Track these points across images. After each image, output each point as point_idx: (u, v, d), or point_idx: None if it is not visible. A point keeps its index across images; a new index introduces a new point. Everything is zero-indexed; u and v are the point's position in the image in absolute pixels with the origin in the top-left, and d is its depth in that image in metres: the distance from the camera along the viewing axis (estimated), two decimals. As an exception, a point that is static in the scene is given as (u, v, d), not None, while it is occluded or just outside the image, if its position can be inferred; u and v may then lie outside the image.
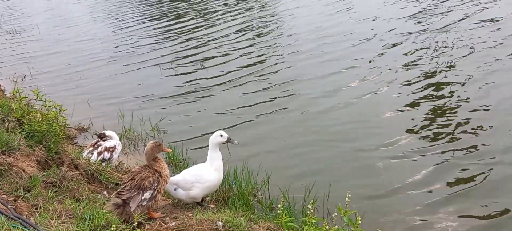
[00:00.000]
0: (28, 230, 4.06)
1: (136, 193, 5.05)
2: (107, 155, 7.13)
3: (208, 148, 5.98)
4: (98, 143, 7.30)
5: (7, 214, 4.21)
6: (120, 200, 4.98)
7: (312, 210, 4.70)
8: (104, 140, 7.40)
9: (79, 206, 4.70)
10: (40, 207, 4.71)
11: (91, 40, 18.32)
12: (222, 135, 5.89)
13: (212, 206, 6.05)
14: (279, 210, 4.94)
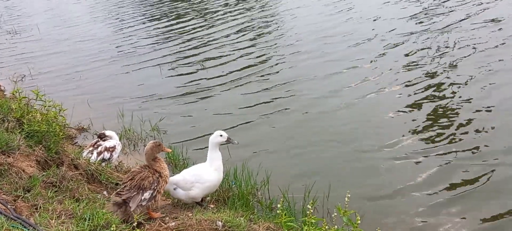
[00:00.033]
0: (28, 230, 4.06)
1: (136, 193, 5.05)
2: (107, 155, 7.13)
3: (208, 148, 5.99)
4: (98, 143, 7.30)
5: (7, 214, 4.21)
6: (120, 200, 4.99)
7: (312, 210, 4.71)
8: (104, 140, 7.40)
9: (79, 206, 4.70)
10: (40, 207, 4.71)
11: (91, 40, 18.32)
12: (221, 135, 5.89)
13: (211, 206, 6.04)
14: (278, 210, 4.95)
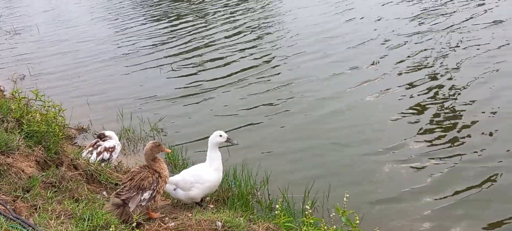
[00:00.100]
0: (27, 230, 4.06)
1: (135, 193, 5.05)
2: (106, 155, 7.13)
3: (207, 148, 5.99)
4: (98, 143, 7.30)
5: (6, 214, 4.21)
6: (119, 200, 4.99)
7: (311, 211, 4.70)
8: (104, 140, 7.40)
9: (78, 206, 4.70)
10: (39, 208, 4.70)
11: (91, 40, 18.31)
12: (221, 135, 5.89)
13: (211, 206, 6.04)
14: (277, 210, 4.95)
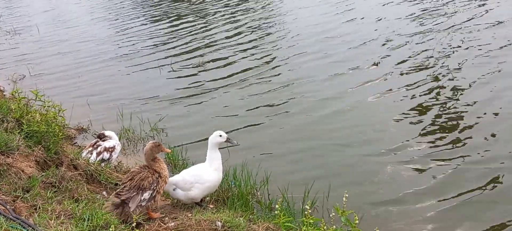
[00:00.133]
0: (27, 230, 4.07)
1: (135, 193, 5.05)
2: (106, 155, 7.13)
3: (207, 148, 5.99)
4: (98, 143, 7.30)
5: (6, 214, 4.21)
6: (119, 200, 4.99)
7: (310, 211, 4.70)
8: (104, 140, 7.40)
9: (78, 206, 4.70)
10: (39, 208, 4.71)
11: (91, 40, 18.31)
12: (221, 135, 5.89)
13: (211, 206, 6.05)
14: (277, 210, 4.95)
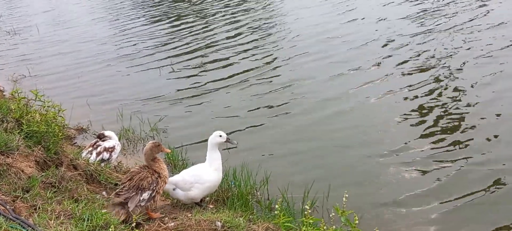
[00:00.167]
0: (27, 230, 4.06)
1: (134, 193, 5.05)
2: (106, 155, 7.13)
3: (207, 149, 5.99)
4: (97, 143, 7.30)
5: (6, 214, 4.21)
6: (118, 200, 4.99)
7: (310, 211, 4.71)
8: (103, 140, 7.39)
9: (78, 206, 4.70)
10: (39, 208, 4.71)
11: (91, 41, 18.29)
12: (221, 135, 5.89)
13: (211, 206, 6.05)
14: (276, 211, 4.95)
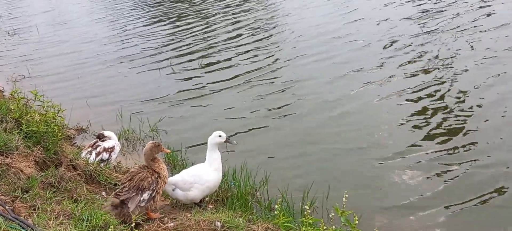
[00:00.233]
0: (26, 230, 4.06)
1: (134, 194, 5.05)
2: (105, 155, 7.13)
3: (207, 149, 5.98)
4: (97, 143, 7.30)
5: (5, 215, 4.20)
6: (118, 201, 4.99)
7: (310, 211, 4.70)
8: (103, 141, 7.39)
9: (77, 206, 4.70)
10: (38, 208, 4.71)
11: (91, 41, 18.27)
12: (220, 135, 5.88)
13: (210, 207, 6.04)
14: (276, 211, 4.95)
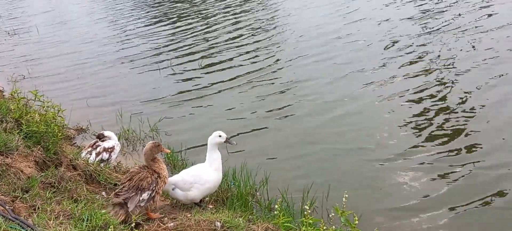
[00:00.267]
0: (26, 230, 4.06)
1: (134, 194, 5.05)
2: (105, 155, 7.13)
3: (206, 149, 5.98)
4: (97, 144, 7.30)
5: (5, 215, 4.20)
6: (118, 201, 4.99)
7: (310, 211, 4.70)
8: (103, 141, 7.39)
9: (77, 206, 4.70)
10: (38, 208, 4.70)
11: (91, 42, 18.28)
12: (220, 136, 5.88)
13: (210, 207, 6.04)
14: (276, 211, 4.95)
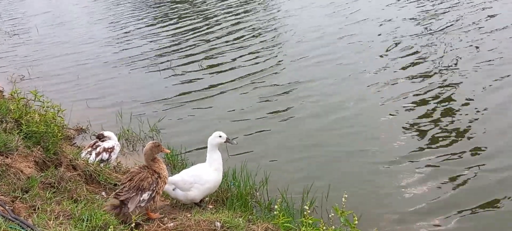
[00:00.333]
0: (26, 231, 4.07)
1: (134, 194, 5.05)
2: (105, 155, 7.13)
3: (206, 149, 5.98)
4: (97, 144, 7.30)
5: (5, 215, 4.20)
6: (118, 201, 4.99)
7: (309, 211, 4.70)
8: (103, 141, 7.39)
9: (77, 207, 4.70)
10: (38, 208, 4.71)
11: (91, 42, 18.27)
12: (220, 136, 5.88)
13: (210, 207, 6.05)
14: (276, 211, 4.95)
